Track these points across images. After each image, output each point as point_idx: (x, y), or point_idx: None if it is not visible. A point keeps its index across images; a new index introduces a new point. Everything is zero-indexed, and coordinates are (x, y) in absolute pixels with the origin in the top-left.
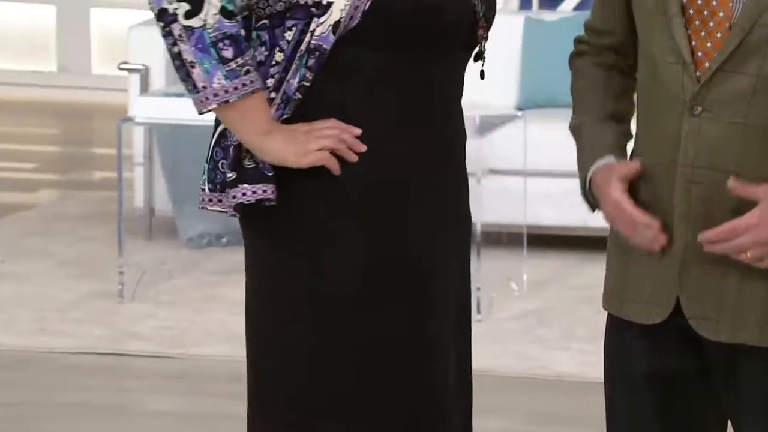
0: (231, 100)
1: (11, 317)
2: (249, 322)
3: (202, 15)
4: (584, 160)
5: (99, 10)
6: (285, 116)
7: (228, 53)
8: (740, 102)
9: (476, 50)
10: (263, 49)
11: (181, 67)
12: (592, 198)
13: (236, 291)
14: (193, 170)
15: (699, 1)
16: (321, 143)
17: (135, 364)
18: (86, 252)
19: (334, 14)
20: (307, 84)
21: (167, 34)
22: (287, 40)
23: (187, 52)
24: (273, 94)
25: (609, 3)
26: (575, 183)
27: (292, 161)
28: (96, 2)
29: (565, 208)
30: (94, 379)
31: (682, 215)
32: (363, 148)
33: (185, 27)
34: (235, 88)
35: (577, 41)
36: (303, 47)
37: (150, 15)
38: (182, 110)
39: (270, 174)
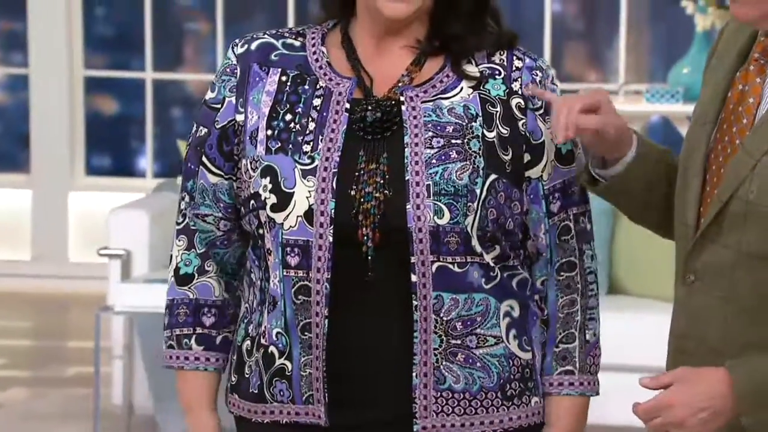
0: (171, 366)
1: None
2: None
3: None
4: None
5: (78, 193)
6: None
7: (173, 320)
8: (722, 275)
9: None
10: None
11: None
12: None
13: None
14: None
15: (713, 167)
16: None
17: None
18: None
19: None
20: None
21: None
22: None
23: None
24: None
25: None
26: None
27: None
28: (74, 186)
29: None
30: None
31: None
32: None
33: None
34: (171, 357)
35: None
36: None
37: (132, 197)
38: (165, 298)
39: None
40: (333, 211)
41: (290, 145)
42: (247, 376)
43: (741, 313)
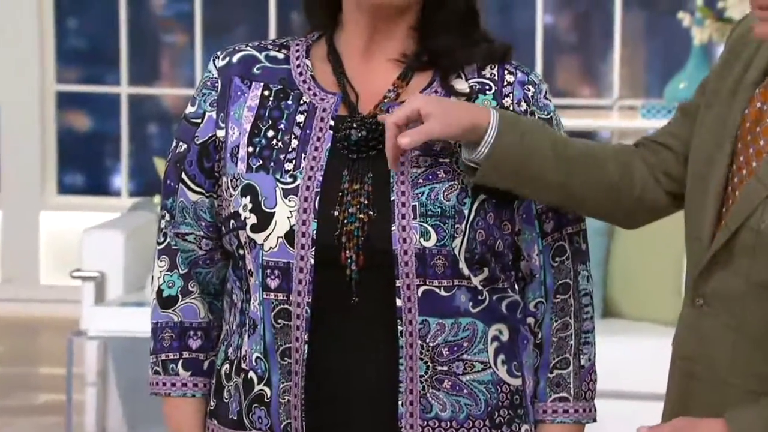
0: (158, 393)
1: None
2: None
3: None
4: None
5: (49, 213)
6: None
7: (158, 345)
8: (731, 303)
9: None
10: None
11: None
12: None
13: None
14: None
15: (729, 187)
16: None
17: None
18: None
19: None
20: None
21: None
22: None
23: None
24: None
25: (677, 124)
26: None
27: None
28: (46, 205)
29: None
30: None
31: (674, 414)
32: None
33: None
34: (156, 384)
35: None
36: None
37: (106, 217)
38: (141, 322)
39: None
40: (315, 232)
41: (272, 163)
42: (226, 401)
43: (750, 342)
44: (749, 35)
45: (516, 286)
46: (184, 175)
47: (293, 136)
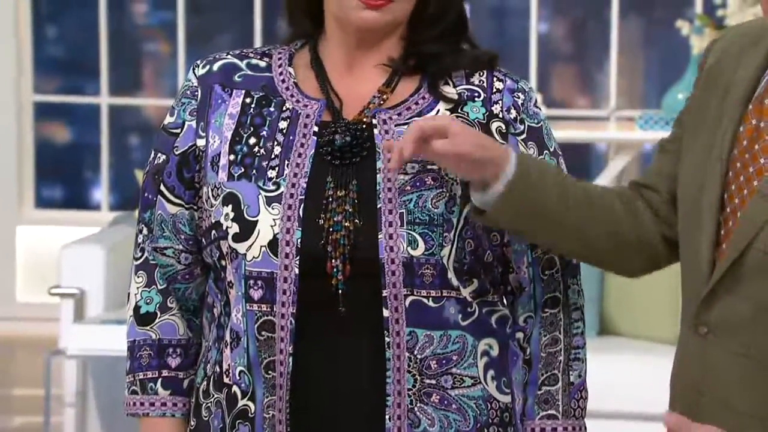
0: (135, 413)
1: None
2: None
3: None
4: None
5: (26, 228)
6: None
7: (135, 363)
8: (740, 330)
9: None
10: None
11: None
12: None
13: None
14: None
15: (728, 209)
16: None
17: None
18: None
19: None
20: None
21: None
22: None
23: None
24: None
25: (660, 163)
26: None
27: None
28: (23, 219)
29: None
30: None
31: None
32: None
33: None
34: (134, 404)
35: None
36: None
37: (85, 232)
38: (122, 340)
39: None
40: (299, 240)
41: (254, 171)
42: (205, 419)
43: (760, 368)
44: (724, 59)
45: (505, 300)
46: (162, 187)
47: (276, 142)
